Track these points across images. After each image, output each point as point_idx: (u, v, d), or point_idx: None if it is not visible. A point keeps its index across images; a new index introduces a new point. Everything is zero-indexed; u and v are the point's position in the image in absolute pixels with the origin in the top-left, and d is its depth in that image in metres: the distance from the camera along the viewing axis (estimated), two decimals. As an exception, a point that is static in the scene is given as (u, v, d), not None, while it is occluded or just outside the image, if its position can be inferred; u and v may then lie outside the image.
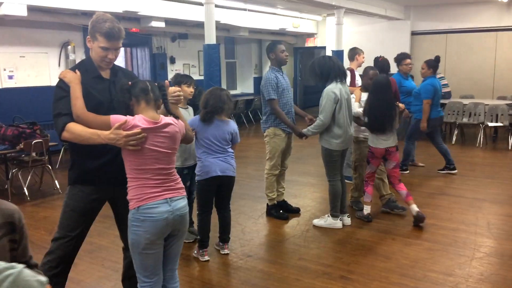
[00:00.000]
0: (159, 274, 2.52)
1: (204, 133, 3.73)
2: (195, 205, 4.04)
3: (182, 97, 2.83)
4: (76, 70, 2.56)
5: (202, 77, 12.77)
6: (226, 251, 4.06)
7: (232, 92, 14.60)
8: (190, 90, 4.05)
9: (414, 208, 4.64)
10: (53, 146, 6.53)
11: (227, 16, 10.99)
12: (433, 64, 6.68)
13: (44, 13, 8.29)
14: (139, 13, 9.09)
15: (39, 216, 5.21)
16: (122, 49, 12.12)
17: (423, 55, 12.27)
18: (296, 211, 5.13)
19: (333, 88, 4.32)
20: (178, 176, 2.54)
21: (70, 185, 2.71)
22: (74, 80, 2.48)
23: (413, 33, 12.66)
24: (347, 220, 4.71)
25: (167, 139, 2.41)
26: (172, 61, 11.77)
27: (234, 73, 14.85)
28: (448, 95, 10.40)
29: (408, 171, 6.90)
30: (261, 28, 12.61)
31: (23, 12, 7.43)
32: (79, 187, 2.67)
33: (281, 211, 5.01)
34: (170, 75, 11.61)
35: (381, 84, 4.60)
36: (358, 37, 12.57)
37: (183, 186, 2.56)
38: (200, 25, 11.24)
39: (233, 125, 3.86)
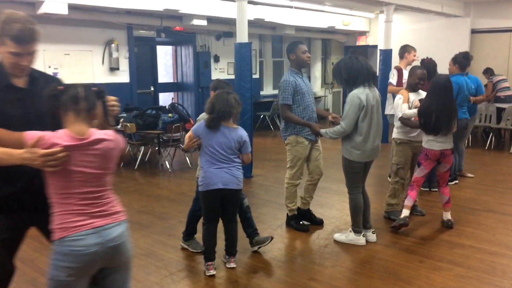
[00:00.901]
0: None
1: (209, 140, 3.47)
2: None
3: (118, 108, 2.32)
4: None
5: (246, 76, 12.66)
6: (232, 265, 3.78)
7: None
8: None
9: (447, 215, 4.63)
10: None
11: (272, 14, 10.71)
12: (459, 60, 6.07)
13: (86, 11, 8.41)
14: (180, 11, 9.02)
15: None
16: (168, 48, 12.26)
17: (485, 55, 11.35)
18: (319, 223, 4.76)
19: (359, 93, 3.90)
20: (113, 198, 2.14)
21: None
22: None
23: (473, 31, 11.72)
24: (372, 237, 4.29)
25: (97, 158, 2.04)
26: (216, 59, 11.66)
27: (281, 72, 14.53)
28: (509, 99, 9.51)
29: (456, 182, 6.30)
30: (308, 26, 12.21)
31: (64, 11, 7.55)
32: None
33: (301, 222, 4.68)
34: (214, 74, 11.54)
35: (442, 85, 4.37)
36: (412, 36, 11.82)
37: (121, 209, 2.17)
38: (244, 23, 11.07)
39: (241, 132, 3.54)
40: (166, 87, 11.50)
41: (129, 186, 6.41)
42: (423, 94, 4.71)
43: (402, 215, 4.46)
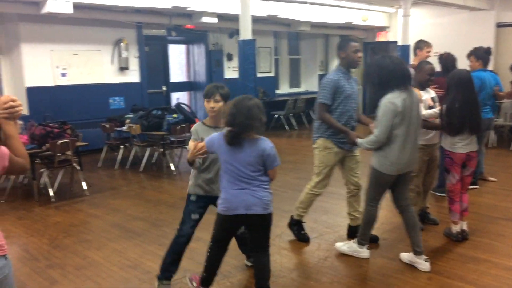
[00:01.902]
0: None
1: (226, 156, 2.85)
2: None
3: (19, 109, 1.95)
4: None
5: (261, 74, 12.37)
6: None
7: (296, 89, 13.99)
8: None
9: (463, 226, 4.24)
10: (83, 146, 6.42)
11: (286, 10, 10.38)
12: (482, 56, 5.64)
13: (92, 10, 8.27)
14: (188, 9, 8.80)
15: (50, 221, 5.02)
16: (181, 46, 12.06)
17: (511, 50, 10.77)
18: (373, 240, 4.12)
19: (394, 98, 3.40)
20: None
21: None
22: None
23: (499, 25, 11.11)
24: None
25: None
26: (229, 58, 11.40)
27: (298, 70, 14.20)
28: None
29: (476, 187, 5.87)
30: (324, 22, 11.82)
31: (69, 10, 7.42)
32: None
33: (303, 231, 4.32)
34: (227, 73, 11.29)
35: (464, 80, 3.97)
36: (433, 31, 11.31)
37: (1, 242, 1.83)
38: (258, 21, 10.77)
39: (264, 144, 2.86)
40: (179, 87, 11.32)
41: (130, 190, 6.22)
42: (432, 92, 4.33)
43: (454, 231, 4.16)
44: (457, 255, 3.91)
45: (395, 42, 12.91)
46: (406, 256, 3.78)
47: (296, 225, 4.35)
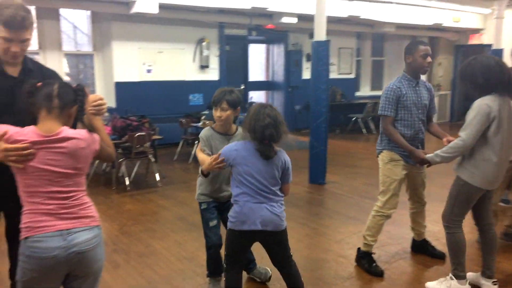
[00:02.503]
0: None
1: (249, 168, 2.66)
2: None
3: (104, 107, 2.21)
4: None
5: (340, 76, 12.16)
6: None
7: (377, 92, 13.53)
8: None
9: None
10: (161, 140, 6.75)
11: (369, 11, 10.10)
12: None
13: (177, 10, 8.65)
14: (268, 9, 8.88)
15: (123, 208, 5.35)
16: (262, 46, 12.20)
17: None
18: (439, 256, 3.90)
19: (490, 101, 3.00)
20: (86, 201, 2.04)
21: None
22: None
23: None
24: None
25: (63, 157, 1.95)
26: (309, 58, 11.30)
27: (381, 72, 13.74)
28: None
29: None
30: (411, 24, 11.32)
31: (155, 10, 7.84)
32: None
33: (374, 264, 3.74)
34: (305, 73, 11.23)
35: None
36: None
37: (95, 214, 2.07)
38: (340, 21, 10.60)
39: (284, 156, 2.74)
40: (257, 86, 11.48)
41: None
42: None
43: None
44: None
45: (490, 45, 12.04)
46: (443, 286, 3.30)
47: (365, 258, 3.80)
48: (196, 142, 8.09)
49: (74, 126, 2.10)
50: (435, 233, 4.45)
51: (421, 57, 3.53)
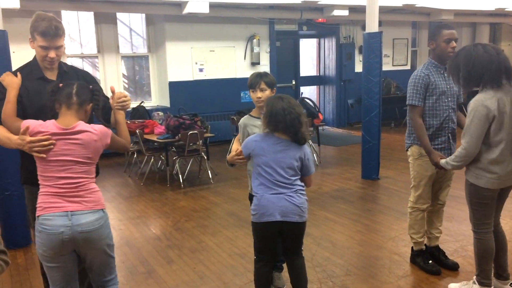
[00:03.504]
0: None
1: (267, 158, 2.67)
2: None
3: (128, 103, 2.52)
4: (18, 73, 2.53)
5: (395, 68, 11.78)
6: None
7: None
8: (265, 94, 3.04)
9: None
10: (214, 137, 6.86)
11: (425, -2, 9.71)
12: None
13: (227, 8, 8.73)
14: (319, 3, 8.77)
15: (177, 205, 5.49)
16: (312, 40, 12.05)
17: None
18: (451, 267, 3.61)
19: (486, 100, 2.81)
20: (92, 187, 2.31)
21: (22, 184, 2.73)
22: (11, 84, 2.45)
23: None
24: None
25: (77, 147, 2.25)
26: (361, 51, 11.04)
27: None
28: None
29: None
30: (470, 10, 10.75)
31: (206, 9, 7.96)
32: (28, 187, 2.64)
33: (430, 261, 3.61)
34: (358, 66, 10.99)
35: None
36: None
37: (99, 199, 2.32)
38: (394, 11, 10.28)
39: (305, 148, 2.75)
40: (308, 81, 11.36)
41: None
42: None
43: None
44: None
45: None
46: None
47: (419, 256, 3.67)
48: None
49: (90, 122, 2.38)
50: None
51: (445, 42, 3.31)
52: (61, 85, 2.32)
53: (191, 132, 6.17)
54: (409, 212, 3.66)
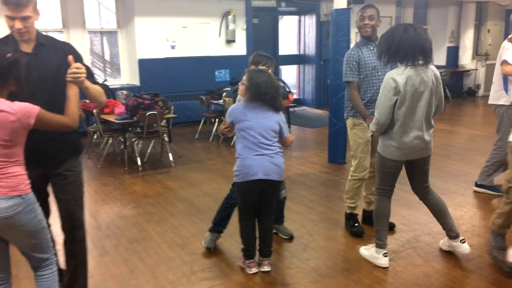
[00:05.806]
0: (4, 273, 2.32)
1: (250, 123, 3.06)
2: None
3: (81, 76, 2.34)
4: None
5: (378, 47, 11.44)
6: (265, 268, 3.27)
7: (420, 64, 12.71)
8: None
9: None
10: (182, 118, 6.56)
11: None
12: None
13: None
14: (294, -23, 8.37)
15: (128, 190, 5.21)
16: (292, 18, 11.62)
17: None
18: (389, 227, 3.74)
19: (396, 74, 3.01)
20: (11, 171, 2.13)
21: None
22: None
23: None
24: (463, 247, 3.40)
25: None
26: (343, 29, 10.68)
27: (424, 42, 12.82)
28: None
29: None
30: (456, -13, 10.39)
31: (173, -17, 7.55)
32: None
33: (356, 224, 3.92)
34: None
35: None
36: None
37: (16, 185, 2.14)
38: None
39: (280, 113, 3.18)
40: (287, 60, 11.00)
41: (213, 164, 6.20)
42: None
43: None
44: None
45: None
46: (367, 252, 3.48)
47: (350, 219, 3.97)
48: (217, 120, 7.88)
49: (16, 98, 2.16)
50: (457, 218, 4.02)
51: (359, 19, 3.70)
52: (8, 55, 2.13)
53: (150, 113, 5.87)
54: (348, 179, 3.93)
